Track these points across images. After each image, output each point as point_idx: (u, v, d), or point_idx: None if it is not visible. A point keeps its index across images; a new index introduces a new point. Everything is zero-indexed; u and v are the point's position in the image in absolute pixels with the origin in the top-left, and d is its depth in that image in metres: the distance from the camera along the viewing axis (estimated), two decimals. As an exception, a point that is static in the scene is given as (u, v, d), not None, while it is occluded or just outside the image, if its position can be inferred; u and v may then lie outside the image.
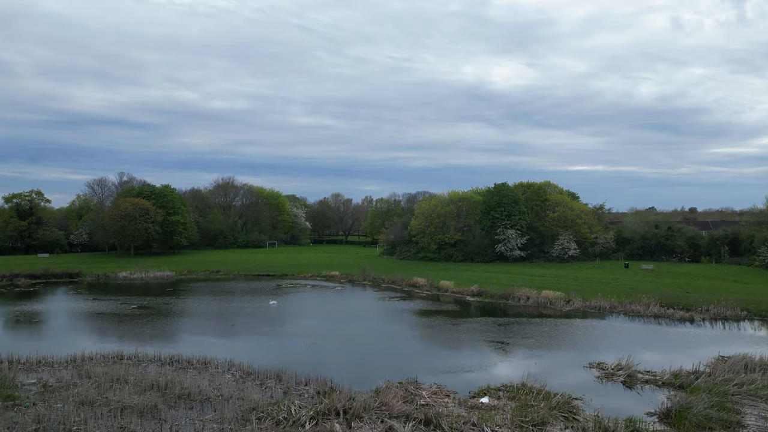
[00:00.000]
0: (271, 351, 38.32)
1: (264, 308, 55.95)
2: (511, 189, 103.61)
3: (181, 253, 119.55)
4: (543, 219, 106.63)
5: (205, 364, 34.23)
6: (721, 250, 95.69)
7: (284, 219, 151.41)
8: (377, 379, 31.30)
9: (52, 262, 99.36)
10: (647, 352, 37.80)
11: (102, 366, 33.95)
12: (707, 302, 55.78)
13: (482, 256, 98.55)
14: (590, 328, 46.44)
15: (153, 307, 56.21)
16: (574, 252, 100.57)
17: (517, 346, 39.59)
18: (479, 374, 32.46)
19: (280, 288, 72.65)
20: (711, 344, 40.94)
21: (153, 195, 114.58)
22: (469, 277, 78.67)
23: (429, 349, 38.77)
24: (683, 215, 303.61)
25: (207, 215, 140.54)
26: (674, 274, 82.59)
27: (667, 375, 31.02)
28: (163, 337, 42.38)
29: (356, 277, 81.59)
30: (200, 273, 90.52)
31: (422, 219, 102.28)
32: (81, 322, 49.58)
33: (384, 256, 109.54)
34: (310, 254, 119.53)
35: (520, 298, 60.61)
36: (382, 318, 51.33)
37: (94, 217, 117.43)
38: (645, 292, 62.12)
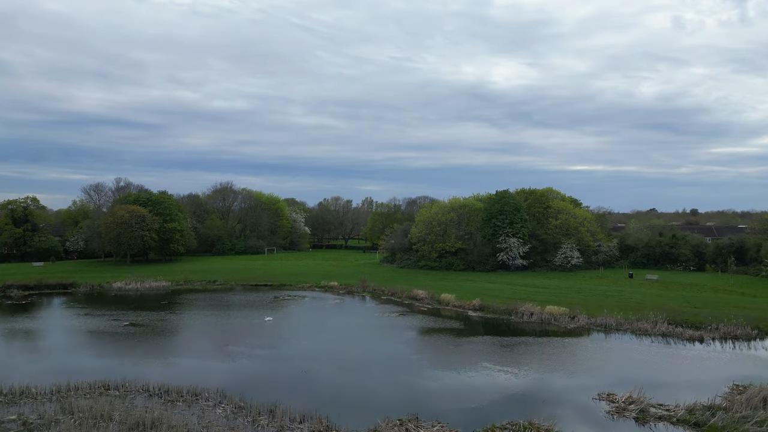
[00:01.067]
0: (265, 377, 36.71)
1: (259, 325, 54.34)
2: (512, 196, 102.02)
3: (178, 261, 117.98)
4: (545, 226, 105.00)
5: (195, 395, 32.64)
6: (728, 261, 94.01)
7: (283, 224, 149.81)
8: (376, 411, 29.78)
9: (47, 272, 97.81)
10: (658, 379, 36.16)
11: (87, 398, 32.41)
12: (716, 319, 54.19)
13: (484, 265, 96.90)
14: (597, 350, 44.82)
15: (145, 325, 54.59)
16: (577, 261, 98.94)
17: (522, 371, 37.97)
18: (483, 406, 30.84)
19: (277, 300, 71.05)
20: (724, 368, 39.33)
21: (150, 202, 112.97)
22: (470, 288, 77.07)
23: (430, 376, 37.14)
24: (685, 218, 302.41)
25: (205, 221, 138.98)
26: (680, 285, 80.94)
27: (682, 411, 29.41)
28: (152, 361, 40.73)
29: (355, 288, 79.98)
30: (197, 283, 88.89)
31: (422, 227, 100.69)
32: (70, 341, 47.91)
33: (384, 264, 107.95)
34: (309, 261, 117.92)
35: (523, 314, 59.03)
36: (380, 337, 49.69)
37: (90, 224, 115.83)
38: (652, 307, 60.48)
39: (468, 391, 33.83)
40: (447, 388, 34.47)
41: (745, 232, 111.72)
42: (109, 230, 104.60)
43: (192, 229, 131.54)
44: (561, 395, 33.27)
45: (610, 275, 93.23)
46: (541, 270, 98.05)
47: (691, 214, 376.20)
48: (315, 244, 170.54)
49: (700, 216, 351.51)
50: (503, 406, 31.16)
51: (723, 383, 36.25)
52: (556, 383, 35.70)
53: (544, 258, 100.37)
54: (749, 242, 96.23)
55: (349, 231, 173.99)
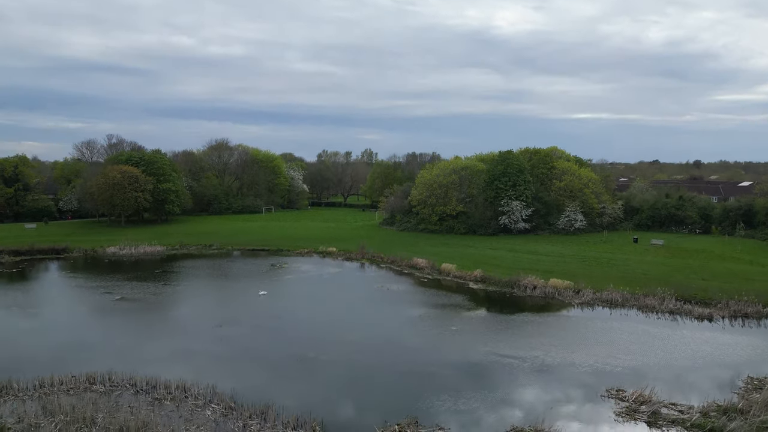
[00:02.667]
0: (258, 366, 35.15)
1: (253, 301, 52.71)
2: (516, 157, 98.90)
3: (174, 222, 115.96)
4: (549, 188, 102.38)
5: (184, 392, 31.06)
6: (736, 226, 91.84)
7: (281, 182, 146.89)
8: (373, 411, 28.27)
9: (39, 235, 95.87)
10: (668, 366, 34.63)
11: (71, 395, 30.87)
12: (726, 294, 52.52)
13: (485, 228, 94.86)
14: (603, 332, 43.13)
15: (137, 300, 52.92)
16: (581, 224, 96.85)
17: (527, 361, 36.37)
18: (486, 405, 29.30)
19: (273, 270, 69.31)
20: (736, 354, 37.77)
21: (142, 161, 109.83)
22: (471, 255, 75.31)
23: (431, 365, 35.57)
24: (689, 171, 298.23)
25: (200, 179, 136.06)
26: (686, 251, 79.14)
27: (696, 414, 27.84)
28: (142, 345, 39.14)
29: (354, 254, 78.21)
30: (192, 248, 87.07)
31: (423, 189, 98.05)
32: (58, 322, 46.19)
33: (383, 226, 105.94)
34: (307, 223, 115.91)
35: (526, 287, 57.32)
36: (380, 317, 48.00)
37: (82, 184, 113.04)
38: (658, 280, 58.80)
39: (468, 384, 32.25)
40: (449, 379, 32.91)
41: (753, 192, 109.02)
42: (101, 192, 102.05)
43: (187, 188, 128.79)
44: (567, 390, 31.71)
45: (615, 239, 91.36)
46: (544, 233, 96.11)
47: (694, 166, 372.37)
48: (314, 202, 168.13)
49: (704, 168, 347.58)
50: (507, 405, 29.63)
51: (737, 373, 34.80)
52: (562, 373, 34.12)
53: (547, 221, 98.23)
54: (758, 205, 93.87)
55: (349, 188, 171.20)
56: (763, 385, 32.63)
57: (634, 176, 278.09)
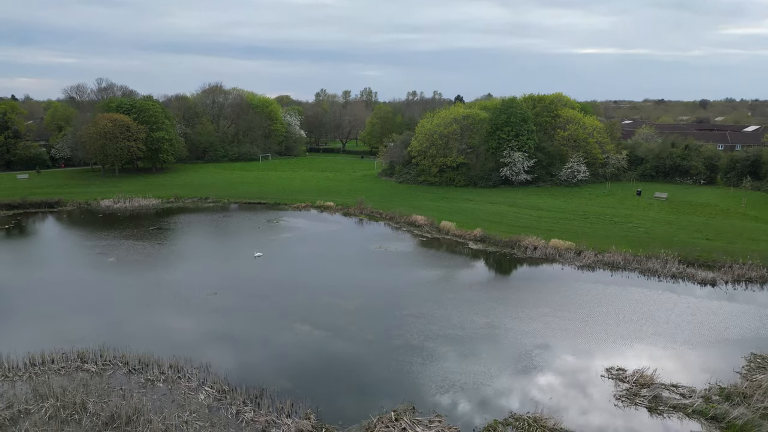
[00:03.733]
0: (252, 342, 34.55)
1: (248, 264, 51.81)
2: (519, 105, 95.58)
3: (169, 171, 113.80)
4: (552, 138, 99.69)
5: (178, 372, 30.53)
6: (742, 179, 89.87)
7: (277, 128, 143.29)
8: (369, 397, 27.77)
9: (32, 186, 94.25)
10: (669, 338, 33.99)
11: (62, 375, 30.36)
12: (730, 256, 51.59)
13: (486, 181, 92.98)
14: (604, 301, 42.32)
15: (131, 261, 52.04)
16: (584, 176, 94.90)
17: (526, 337, 35.71)
18: (484, 389, 28.79)
19: (269, 226, 68.12)
20: (740, 324, 37.10)
21: (134, 109, 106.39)
22: (471, 211, 73.97)
23: (429, 342, 34.99)
24: (695, 112, 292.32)
25: (195, 126, 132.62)
26: (690, 206, 77.72)
27: (698, 400, 27.30)
28: (134, 315, 38.46)
29: (353, 210, 76.83)
30: (187, 200, 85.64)
31: (423, 139, 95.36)
32: (51, 290, 45.31)
33: (382, 177, 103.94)
34: (304, 173, 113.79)
35: (526, 248, 56.31)
36: (376, 283, 47.15)
37: (73, 132, 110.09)
38: (661, 240, 57.75)
39: (466, 364, 31.69)
40: (445, 362, 32.33)
41: (760, 141, 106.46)
42: (92, 141, 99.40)
43: (181, 135, 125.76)
44: (567, 369, 31.16)
45: (618, 192, 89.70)
46: (546, 185, 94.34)
47: (700, 106, 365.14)
48: (311, 148, 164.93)
49: (711, 108, 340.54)
50: (505, 387, 29.12)
51: (740, 348, 34.21)
52: (563, 349, 33.51)
53: (549, 172, 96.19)
54: (765, 155, 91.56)
55: (347, 133, 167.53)
56: (767, 362, 32.11)
57: (639, 117, 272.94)
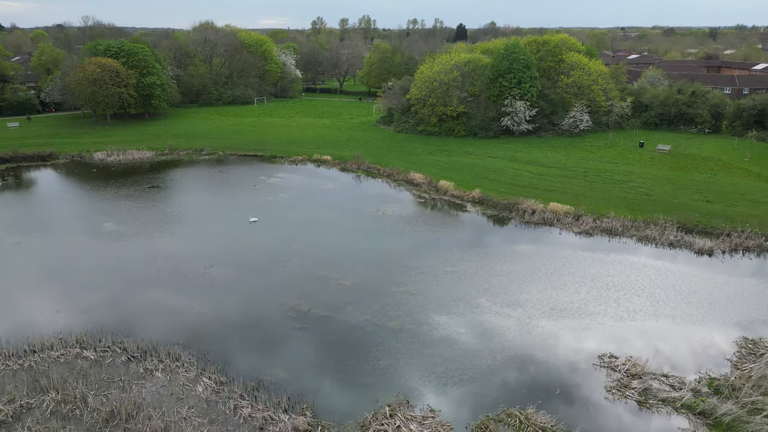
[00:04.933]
0: (248, 325, 34.76)
1: (244, 230, 51.47)
2: (523, 50, 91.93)
3: (162, 118, 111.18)
4: (556, 84, 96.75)
5: (176, 360, 30.92)
6: (748, 130, 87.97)
7: (272, 68, 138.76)
8: (365, 391, 28.22)
9: (23, 135, 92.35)
10: (662, 318, 34.23)
11: (61, 363, 30.74)
12: (729, 222, 51.31)
13: (486, 131, 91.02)
14: (600, 276, 42.29)
15: (126, 226, 51.56)
16: (586, 125, 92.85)
17: (522, 314, 35.94)
18: (477, 381, 29.27)
19: (266, 185, 67.19)
20: (734, 302, 37.32)
21: (122, 52, 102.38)
22: (470, 167, 72.84)
23: (424, 325, 35.28)
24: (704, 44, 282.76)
25: (187, 67, 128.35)
26: (692, 160, 76.54)
27: (687, 393, 27.78)
28: (130, 293, 38.52)
29: (350, 164, 75.68)
30: (182, 153, 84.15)
31: (422, 86, 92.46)
32: (45, 260, 45.18)
33: (380, 125, 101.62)
34: (300, 120, 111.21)
35: (525, 212, 55.88)
36: (373, 255, 46.87)
37: (62, 76, 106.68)
38: (661, 203, 57.26)
39: (462, 354, 32.08)
40: (440, 346, 32.69)
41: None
42: (81, 88, 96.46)
43: (173, 78, 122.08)
44: (561, 355, 31.56)
45: (620, 142, 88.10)
46: (547, 135, 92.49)
47: (710, 37, 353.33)
48: (308, 88, 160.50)
49: (720, 39, 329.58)
50: (498, 379, 29.58)
51: (733, 328, 34.58)
52: (557, 332, 33.81)
53: (552, 121, 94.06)
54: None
55: (345, 72, 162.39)
56: (757, 348, 32.52)
57: (647, 52, 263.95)
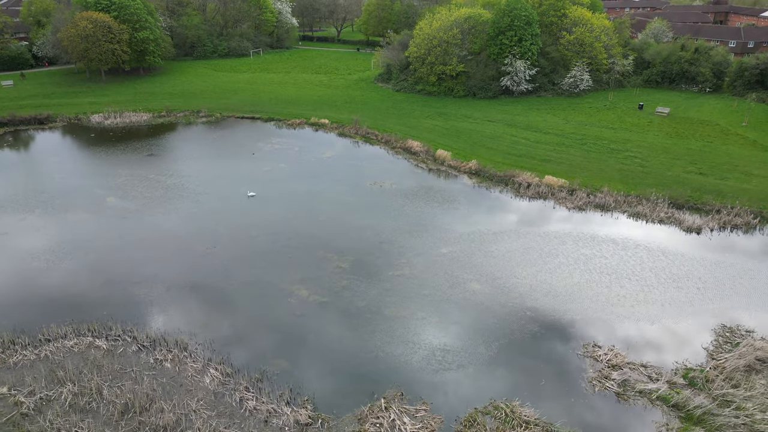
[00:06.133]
0: (251, 312, 36.51)
1: (243, 206, 52.44)
2: (525, 6, 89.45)
3: (157, 75, 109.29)
4: (557, 41, 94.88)
5: (184, 350, 32.77)
6: (749, 91, 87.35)
7: (267, 18, 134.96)
8: (362, 381, 30.11)
9: (18, 95, 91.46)
10: (647, 309, 35.80)
11: (75, 354, 32.56)
12: (720, 197, 52.38)
13: (486, 91, 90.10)
14: (593, 258, 43.62)
15: (129, 200, 52.47)
16: (587, 85, 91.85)
17: (514, 313, 37.61)
18: (466, 370, 31.23)
19: (264, 152, 67.50)
20: (716, 286, 38.88)
21: (113, 6, 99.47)
22: (468, 133, 72.88)
23: (413, 321, 37.02)
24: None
25: (181, 17, 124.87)
26: (690, 124, 76.50)
27: (663, 386, 29.75)
28: (135, 279, 40.01)
29: (348, 129, 75.64)
30: (179, 114, 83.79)
31: (422, 44, 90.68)
32: (51, 239, 46.42)
33: (378, 83, 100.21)
34: (297, 75, 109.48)
35: (520, 185, 56.73)
36: (370, 234, 47.99)
37: (53, 31, 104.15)
38: (655, 175, 58.09)
39: (452, 342, 33.90)
40: (431, 334, 34.51)
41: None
42: (74, 44, 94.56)
43: (167, 30, 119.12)
44: (547, 344, 33.42)
45: (620, 103, 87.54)
46: (547, 95, 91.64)
47: None
48: (304, 36, 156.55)
49: None
50: (488, 372, 31.52)
51: (713, 313, 36.31)
52: (545, 319, 35.56)
53: (552, 80, 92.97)
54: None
55: (342, 19, 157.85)
56: (734, 336, 34.35)
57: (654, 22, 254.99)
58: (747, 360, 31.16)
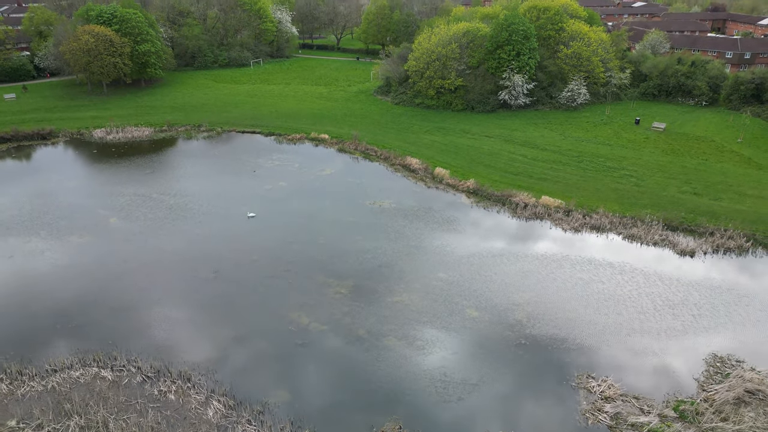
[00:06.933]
0: (254, 344, 37.34)
1: (244, 228, 53.26)
2: (522, 21, 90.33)
3: (158, 87, 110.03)
4: (555, 55, 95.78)
5: (187, 381, 33.58)
6: (745, 105, 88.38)
7: (267, 27, 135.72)
8: (361, 413, 30.90)
9: (21, 109, 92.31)
10: (641, 337, 36.65)
11: (81, 385, 33.34)
12: (713, 219, 53.21)
13: (484, 105, 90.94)
14: (590, 283, 44.48)
15: (132, 221, 53.27)
16: (584, 99, 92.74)
17: (506, 337, 38.46)
18: (462, 402, 32.06)
19: (264, 169, 68.26)
20: (709, 312, 39.76)
21: (115, 19, 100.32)
22: (467, 150, 73.63)
23: (413, 344, 37.86)
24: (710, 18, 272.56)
25: (181, 28, 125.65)
26: (686, 140, 77.34)
27: (655, 419, 30.61)
28: (140, 306, 40.91)
29: (348, 144, 76.47)
30: (180, 128, 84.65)
31: (421, 57, 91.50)
32: (55, 261, 47.26)
33: (378, 96, 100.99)
34: (297, 87, 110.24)
35: (517, 205, 57.55)
36: (370, 257, 48.81)
37: (55, 44, 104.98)
38: (650, 195, 58.91)
39: (449, 374, 34.73)
40: (430, 363, 35.33)
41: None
42: (76, 58, 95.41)
43: (168, 41, 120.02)
44: (540, 375, 34.26)
45: (617, 117, 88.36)
46: (545, 109, 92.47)
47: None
48: (304, 44, 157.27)
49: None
50: (484, 404, 32.35)
51: (705, 341, 37.14)
52: (539, 350, 36.40)
53: (549, 94, 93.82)
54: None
55: (342, 27, 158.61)
56: (725, 366, 35.18)
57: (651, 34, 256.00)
58: (736, 392, 32.01)
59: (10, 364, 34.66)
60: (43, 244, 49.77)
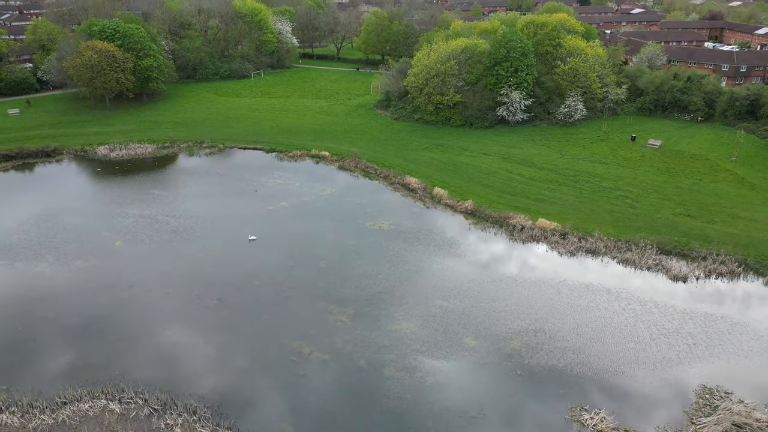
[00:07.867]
0: (257, 372, 38.45)
1: (245, 252, 54.31)
2: (520, 38, 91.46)
3: (160, 101, 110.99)
4: (552, 71, 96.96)
5: (193, 414, 34.66)
6: (740, 121, 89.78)
7: (268, 39, 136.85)
8: None
9: (24, 123, 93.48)
10: (633, 368, 37.76)
11: (90, 418, 34.46)
12: (706, 243, 54.34)
13: (482, 120, 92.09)
14: (587, 309, 45.57)
15: (136, 245, 54.35)
16: (581, 115, 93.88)
17: (501, 363, 39.57)
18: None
19: (265, 188, 69.33)
20: (701, 340, 40.82)
21: (117, 34, 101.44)
22: (465, 168, 74.71)
23: (413, 375, 38.95)
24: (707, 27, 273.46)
25: (183, 40, 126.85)
26: (681, 159, 78.44)
27: (644, 453, 31.75)
28: (144, 339, 42.03)
29: (348, 162, 77.60)
30: (183, 144, 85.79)
31: (420, 73, 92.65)
32: (60, 288, 48.35)
33: (377, 110, 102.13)
34: (297, 101, 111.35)
35: (514, 227, 58.68)
36: (371, 283, 49.87)
37: (58, 59, 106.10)
38: (645, 217, 60.02)
39: (446, 407, 35.85)
40: (427, 397, 36.46)
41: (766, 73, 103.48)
42: (79, 74, 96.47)
43: (169, 53, 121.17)
44: (536, 404, 35.38)
45: (613, 133, 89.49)
46: (542, 125, 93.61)
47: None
48: (305, 54, 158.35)
49: None
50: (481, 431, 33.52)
51: (697, 371, 38.23)
52: (534, 380, 37.51)
53: (547, 109, 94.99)
54: (766, 96, 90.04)
55: (342, 37, 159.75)
56: (714, 397, 36.29)
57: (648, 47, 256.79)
58: (723, 426, 33.14)
59: (21, 396, 35.77)
60: (50, 270, 50.84)
